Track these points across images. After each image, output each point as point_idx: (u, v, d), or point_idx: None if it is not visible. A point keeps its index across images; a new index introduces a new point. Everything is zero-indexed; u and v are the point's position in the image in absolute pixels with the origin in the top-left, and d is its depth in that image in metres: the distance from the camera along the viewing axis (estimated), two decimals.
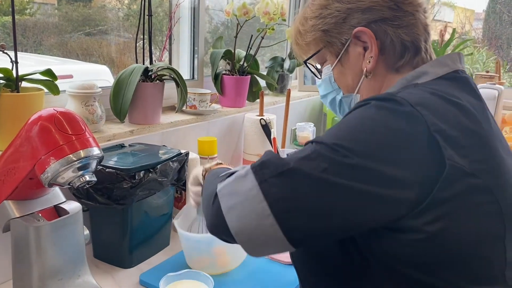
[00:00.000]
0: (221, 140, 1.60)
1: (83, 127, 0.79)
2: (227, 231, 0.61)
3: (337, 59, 0.78)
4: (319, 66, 0.85)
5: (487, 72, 2.07)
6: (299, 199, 0.58)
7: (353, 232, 0.63)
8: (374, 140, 0.58)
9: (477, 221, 0.60)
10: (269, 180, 0.59)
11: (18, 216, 0.81)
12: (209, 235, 0.68)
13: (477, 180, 0.59)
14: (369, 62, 0.74)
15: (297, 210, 0.58)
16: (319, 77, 0.85)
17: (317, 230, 0.59)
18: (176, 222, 1.04)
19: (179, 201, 1.25)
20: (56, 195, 0.89)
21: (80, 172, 0.78)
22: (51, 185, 0.77)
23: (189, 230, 1.07)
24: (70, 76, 1.58)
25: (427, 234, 0.58)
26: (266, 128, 1.60)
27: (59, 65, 1.57)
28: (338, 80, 0.81)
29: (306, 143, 0.64)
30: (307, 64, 0.85)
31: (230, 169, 0.75)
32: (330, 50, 0.78)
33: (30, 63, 1.39)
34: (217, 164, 0.87)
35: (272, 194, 0.58)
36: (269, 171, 0.60)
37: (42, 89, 1.07)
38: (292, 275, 1.05)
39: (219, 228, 0.63)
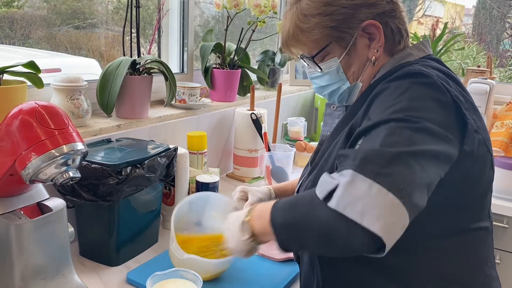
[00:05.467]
0: (211, 135, 1.58)
1: (66, 121, 0.76)
2: (370, 238, 0.58)
3: (345, 52, 0.83)
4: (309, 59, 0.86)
5: (478, 67, 2.07)
6: (413, 178, 0.61)
7: None
8: (425, 107, 0.66)
9: (483, 169, 0.75)
10: (381, 172, 0.60)
11: None
12: None
13: (479, 135, 0.72)
14: (377, 51, 0.82)
15: (415, 188, 0.61)
16: (321, 70, 0.86)
17: (427, 198, 0.64)
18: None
19: (168, 197, 1.23)
20: (39, 192, 0.86)
21: (64, 168, 0.75)
22: (32, 181, 0.75)
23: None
24: (58, 70, 1.54)
25: (451, 183, 0.69)
26: (257, 122, 1.58)
27: (47, 58, 1.54)
28: (345, 70, 0.85)
29: (366, 130, 0.67)
30: (304, 59, 0.87)
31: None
32: (339, 44, 0.83)
33: (17, 56, 1.35)
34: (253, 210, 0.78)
35: (391, 183, 0.59)
36: (375, 164, 0.61)
37: (24, 82, 1.04)
38: (283, 272, 1.04)
39: (361, 241, 0.59)
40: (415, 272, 0.74)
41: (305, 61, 0.88)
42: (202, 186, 1.24)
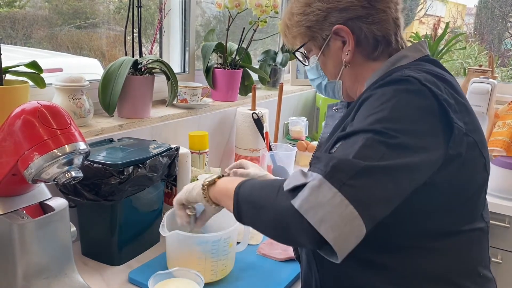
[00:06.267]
0: (213, 134, 1.58)
1: (68, 121, 0.76)
2: (325, 244, 0.62)
3: (320, 52, 0.89)
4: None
5: (480, 66, 2.06)
6: (377, 192, 0.63)
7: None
8: (407, 117, 0.67)
9: (473, 172, 0.75)
10: (347, 183, 0.61)
11: (1, 213, 0.78)
12: None
13: (470, 138, 0.73)
14: (347, 54, 0.85)
15: (377, 202, 0.63)
16: (307, 64, 0.94)
17: (389, 210, 0.66)
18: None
19: (170, 197, 1.23)
20: (42, 192, 0.86)
21: (66, 168, 0.75)
22: (35, 181, 0.75)
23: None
24: (60, 70, 1.54)
25: (439, 186, 0.71)
26: (258, 122, 1.58)
27: (49, 58, 1.54)
28: (323, 68, 0.92)
29: (346, 135, 0.69)
30: (295, 54, 0.94)
31: (255, 177, 0.81)
32: (314, 43, 0.89)
33: (19, 56, 1.36)
34: (218, 177, 0.87)
35: (354, 195, 0.61)
36: (344, 174, 0.62)
37: (27, 82, 1.04)
38: (284, 271, 1.04)
39: (316, 243, 0.63)
40: (409, 272, 0.75)
41: (296, 57, 0.95)
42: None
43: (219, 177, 0.87)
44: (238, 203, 0.75)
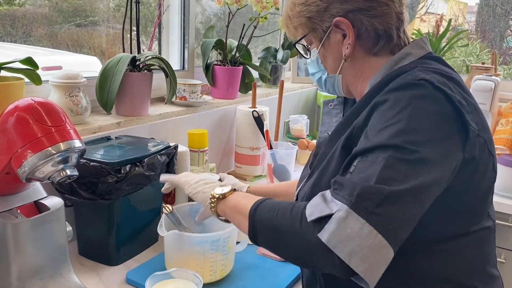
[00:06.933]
0: (212, 132, 1.56)
1: (63, 118, 0.74)
2: (356, 275, 0.62)
3: (321, 44, 0.86)
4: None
5: (483, 63, 2.04)
6: (404, 217, 0.63)
7: None
8: (425, 126, 0.66)
9: (484, 174, 0.74)
10: (374, 212, 0.61)
11: None
12: None
13: (481, 139, 0.72)
14: (347, 48, 0.82)
15: (404, 226, 0.63)
16: (308, 57, 0.91)
17: (414, 227, 0.65)
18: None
19: (168, 196, 1.21)
20: (37, 191, 0.85)
21: (61, 166, 0.74)
22: (29, 179, 0.73)
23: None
24: (59, 67, 1.53)
25: (454, 190, 0.69)
26: (258, 120, 1.56)
27: (49, 56, 1.53)
28: (323, 62, 0.89)
29: (363, 151, 0.67)
30: (296, 45, 0.92)
31: (271, 199, 0.76)
32: (314, 35, 0.86)
33: (19, 54, 1.35)
34: (231, 191, 0.84)
35: (381, 224, 0.61)
36: (370, 203, 0.61)
37: (22, 79, 1.02)
38: (285, 272, 1.02)
39: (347, 274, 0.63)
40: (416, 274, 0.74)
41: (296, 49, 0.94)
42: None
43: (230, 191, 0.83)
44: (254, 226, 0.73)
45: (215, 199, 0.83)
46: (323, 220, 0.63)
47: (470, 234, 0.75)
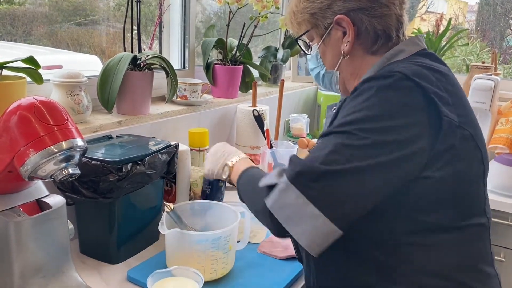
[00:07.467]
0: (213, 131, 1.56)
1: (65, 117, 0.74)
2: (291, 237, 0.72)
3: (321, 40, 0.89)
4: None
5: (483, 63, 2.04)
6: (340, 193, 0.68)
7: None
8: (384, 114, 0.69)
9: (469, 165, 0.75)
10: (309, 186, 0.68)
11: None
12: None
13: (464, 131, 0.73)
14: (346, 45, 0.86)
15: (342, 202, 0.68)
16: (308, 52, 0.95)
17: (362, 210, 0.70)
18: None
19: (169, 194, 1.22)
20: (39, 189, 0.85)
21: (63, 165, 0.74)
22: (31, 178, 0.73)
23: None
24: (60, 67, 1.53)
25: (433, 180, 0.71)
26: (259, 119, 1.57)
27: (49, 55, 1.53)
28: (322, 57, 0.93)
29: (323, 134, 0.73)
30: (297, 41, 0.96)
31: (258, 168, 0.94)
32: (316, 31, 0.90)
33: (19, 53, 1.35)
34: (244, 159, 1.00)
35: (315, 196, 0.68)
36: (305, 178, 0.69)
37: (23, 78, 1.02)
38: (285, 270, 1.02)
39: (285, 234, 0.72)
40: (405, 268, 0.74)
41: (298, 44, 0.97)
42: (211, 183, 1.22)
43: (243, 159, 0.99)
44: (238, 187, 0.92)
45: (231, 168, 0.99)
46: (270, 189, 0.73)
47: (462, 229, 0.75)
